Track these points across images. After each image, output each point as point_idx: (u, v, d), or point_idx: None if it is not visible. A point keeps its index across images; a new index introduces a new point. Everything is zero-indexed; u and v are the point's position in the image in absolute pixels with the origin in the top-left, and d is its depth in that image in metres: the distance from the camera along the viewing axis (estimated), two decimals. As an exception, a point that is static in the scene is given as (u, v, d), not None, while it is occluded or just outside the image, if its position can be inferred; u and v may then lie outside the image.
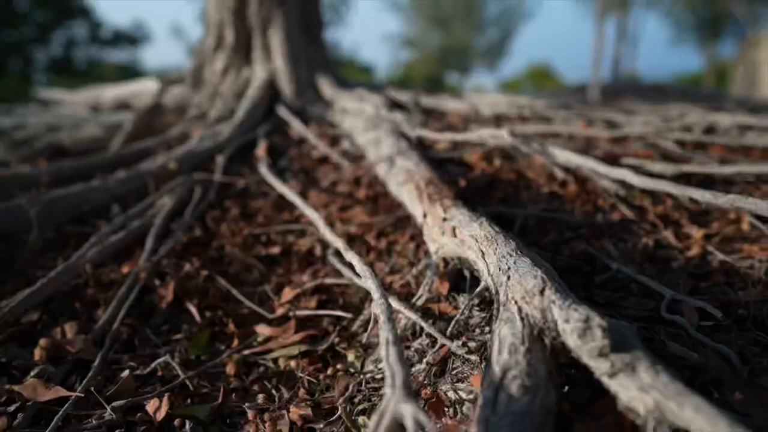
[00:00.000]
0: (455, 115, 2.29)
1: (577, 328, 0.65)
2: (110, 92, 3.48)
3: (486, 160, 1.74)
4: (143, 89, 3.24)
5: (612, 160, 1.67)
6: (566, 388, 0.71)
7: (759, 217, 1.34)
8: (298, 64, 2.45)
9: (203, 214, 1.67)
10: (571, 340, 0.66)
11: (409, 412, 0.55)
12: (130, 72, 19.13)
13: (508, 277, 0.79)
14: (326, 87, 2.48)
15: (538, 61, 37.35)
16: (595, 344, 0.64)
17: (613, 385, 0.63)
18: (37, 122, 2.45)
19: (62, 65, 15.22)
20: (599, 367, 0.64)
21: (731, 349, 0.81)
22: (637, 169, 1.53)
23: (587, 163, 1.45)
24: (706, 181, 1.54)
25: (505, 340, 0.70)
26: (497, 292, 0.80)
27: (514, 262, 0.81)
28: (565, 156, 1.52)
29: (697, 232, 1.29)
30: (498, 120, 2.24)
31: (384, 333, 0.69)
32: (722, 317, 0.89)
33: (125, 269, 1.36)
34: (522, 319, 0.72)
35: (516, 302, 0.74)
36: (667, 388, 0.59)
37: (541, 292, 0.73)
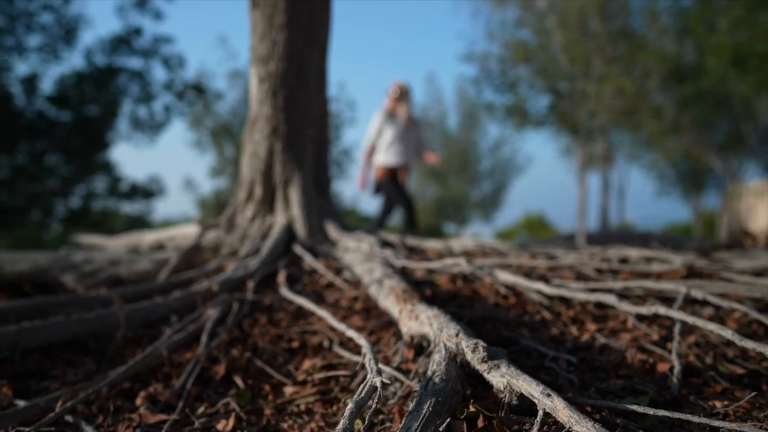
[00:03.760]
0: (432, 252, 2.93)
1: (470, 348, 1.21)
2: (150, 237, 4.17)
3: (451, 282, 2.34)
4: (179, 233, 3.93)
5: (544, 280, 2.27)
6: (471, 388, 1.25)
7: (639, 317, 1.91)
8: (310, 213, 3.15)
9: (240, 322, 2.23)
10: (468, 355, 1.22)
11: (378, 380, 1.10)
12: (139, 223, 20.10)
13: (441, 331, 1.36)
14: (332, 230, 3.16)
15: (532, 211, 39.37)
16: (480, 355, 1.20)
17: (490, 377, 1.18)
18: (102, 258, 3.09)
19: (79, 216, 15.87)
20: (482, 368, 1.19)
21: (574, 376, 1.35)
22: (558, 285, 2.13)
23: (517, 280, 2.06)
24: (609, 294, 2.12)
25: (435, 360, 1.25)
26: (435, 340, 1.36)
27: (446, 324, 1.38)
28: (504, 277, 2.12)
29: (592, 326, 1.86)
30: (466, 255, 2.87)
31: (367, 356, 1.24)
32: (577, 362, 1.44)
33: (188, 355, 1.90)
34: (445, 350, 1.28)
35: (443, 342, 1.30)
36: (513, 373, 1.14)
37: (457, 335, 1.29)
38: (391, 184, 5.65)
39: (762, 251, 3.22)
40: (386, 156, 5.59)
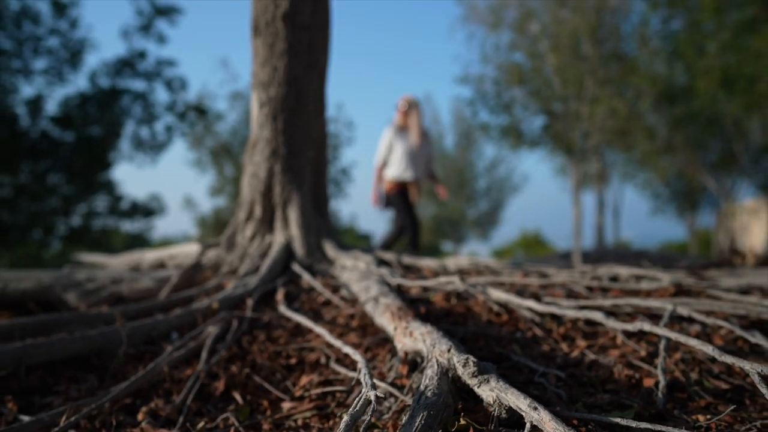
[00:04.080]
0: (428, 270, 2.99)
1: (461, 363, 1.27)
2: (150, 255, 4.22)
3: (445, 299, 2.40)
4: (179, 252, 3.98)
5: (535, 298, 2.33)
6: (462, 402, 1.30)
7: (628, 334, 1.96)
8: (309, 232, 3.22)
9: (239, 339, 2.27)
10: (460, 370, 1.27)
11: (373, 394, 1.16)
12: (138, 241, 20.06)
13: (434, 347, 1.41)
14: (330, 249, 3.22)
15: (529, 229, 39.47)
16: (470, 370, 1.25)
17: (480, 391, 1.23)
18: (104, 276, 3.14)
19: (79, 235, 15.88)
20: (472, 382, 1.25)
21: (563, 391, 1.40)
22: (549, 303, 2.19)
23: (509, 298, 2.11)
24: (598, 311, 2.18)
25: (428, 375, 1.31)
26: (428, 355, 1.42)
27: (439, 340, 1.44)
28: (496, 294, 2.18)
29: (582, 343, 1.91)
30: (460, 273, 2.93)
31: (362, 372, 1.30)
32: (566, 377, 1.49)
33: (189, 372, 1.95)
34: (438, 365, 1.33)
35: (436, 357, 1.36)
36: (502, 387, 1.20)
37: (449, 350, 1.35)
38: (399, 199, 5.61)
39: (750, 270, 3.29)
40: (396, 170, 5.57)
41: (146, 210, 16.65)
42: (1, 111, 12.91)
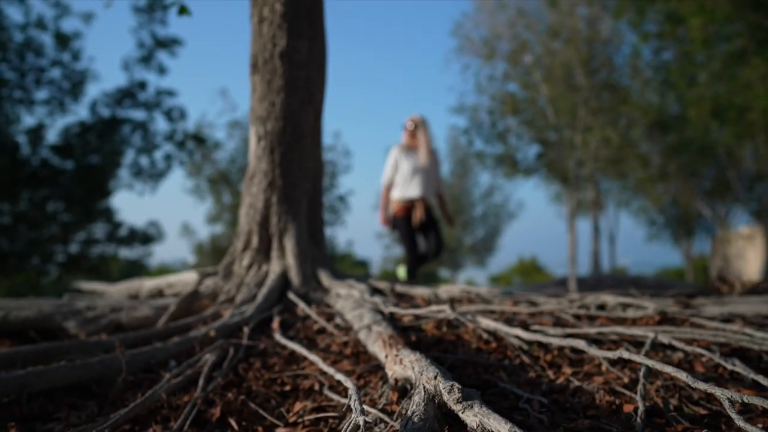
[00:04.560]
0: (420, 299, 3.06)
1: (447, 389, 1.34)
2: (149, 283, 4.27)
3: (437, 327, 2.46)
4: (178, 280, 4.04)
5: (524, 326, 2.40)
6: (447, 427, 1.37)
7: (612, 361, 2.03)
8: (304, 261, 3.29)
9: (235, 366, 2.33)
10: (445, 396, 1.34)
11: (362, 419, 1.22)
12: (136, 268, 20.04)
13: (421, 374, 1.48)
14: (325, 278, 3.29)
15: (526, 256, 39.54)
16: (455, 396, 1.32)
17: (464, 416, 1.30)
18: (103, 304, 3.20)
19: (77, 261, 15.90)
20: (457, 408, 1.31)
21: (545, 417, 1.47)
22: (536, 331, 2.25)
23: (498, 326, 2.19)
24: (583, 339, 2.25)
25: (415, 401, 1.37)
26: (416, 382, 1.49)
27: (426, 368, 1.51)
28: (486, 323, 2.25)
29: (567, 370, 1.98)
30: (452, 302, 3.00)
31: (353, 398, 1.37)
32: (549, 404, 1.56)
33: (186, 398, 2.00)
34: (425, 391, 1.40)
35: (423, 384, 1.43)
36: (484, 412, 1.27)
37: (435, 377, 1.42)
38: (404, 223, 5.52)
39: (736, 298, 3.36)
40: (401, 190, 5.47)
41: (144, 237, 16.73)
42: (2, 140, 13.06)
